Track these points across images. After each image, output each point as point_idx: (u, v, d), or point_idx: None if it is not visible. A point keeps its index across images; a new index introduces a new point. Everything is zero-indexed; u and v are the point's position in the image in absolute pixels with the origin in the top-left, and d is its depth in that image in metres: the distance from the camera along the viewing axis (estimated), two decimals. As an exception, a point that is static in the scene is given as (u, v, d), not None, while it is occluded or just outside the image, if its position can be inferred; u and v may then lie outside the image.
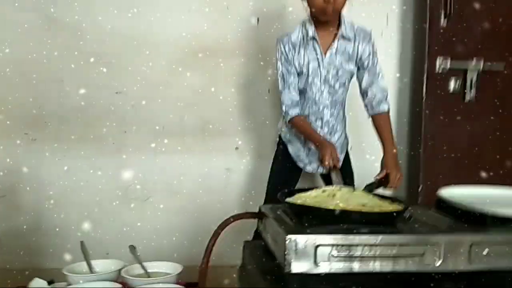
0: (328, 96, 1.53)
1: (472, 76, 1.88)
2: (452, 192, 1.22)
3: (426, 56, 1.86)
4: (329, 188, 1.20)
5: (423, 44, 1.88)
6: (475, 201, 1.13)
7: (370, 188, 1.27)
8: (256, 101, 1.95)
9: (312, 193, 1.18)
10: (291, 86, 1.49)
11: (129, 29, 1.84)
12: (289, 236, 0.93)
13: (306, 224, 0.98)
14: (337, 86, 1.52)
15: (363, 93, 1.54)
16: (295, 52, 1.48)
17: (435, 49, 1.86)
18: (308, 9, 1.47)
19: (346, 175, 1.61)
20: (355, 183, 1.65)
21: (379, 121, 1.51)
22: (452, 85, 1.90)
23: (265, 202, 1.64)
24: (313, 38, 1.47)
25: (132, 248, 1.24)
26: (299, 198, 1.15)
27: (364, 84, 1.53)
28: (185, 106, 1.91)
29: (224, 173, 1.96)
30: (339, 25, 1.48)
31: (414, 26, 2.02)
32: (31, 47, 1.79)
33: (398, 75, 2.05)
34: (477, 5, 1.87)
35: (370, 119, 1.55)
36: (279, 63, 1.50)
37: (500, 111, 1.93)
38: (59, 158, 1.85)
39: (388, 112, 1.52)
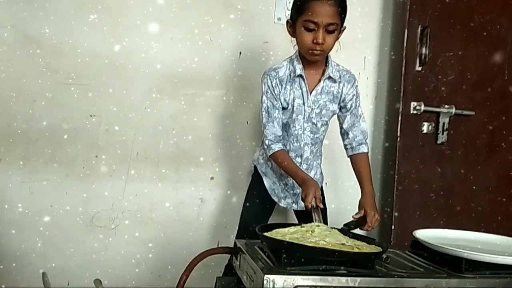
0: (310, 134, 1.54)
1: (444, 120, 1.95)
2: (427, 234, 1.23)
3: (401, 99, 1.91)
4: (306, 225, 1.19)
5: (398, 88, 1.94)
6: (449, 244, 1.15)
7: (348, 227, 1.27)
8: (233, 132, 1.94)
9: (290, 229, 1.17)
10: (275, 121, 1.48)
11: (108, 52, 1.81)
12: (267, 276, 0.91)
13: (284, 263, 0.96)
14: (319, 124, 1.54)
15: (344, 134, 1.57)
16: (281, 87, 1.48)
17: (409, 93, 1.93)
18: (297, 47, 1.49)
19: (322, 213, 1.62)
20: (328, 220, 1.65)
21: (359, 162, 1.53)
22: (426, 127, 1.95)
23: (238, 235, 1.61)
24: (300, 76, 1.48)
25: (98, 282, 1.18)
26: (276, 233, 1.13)
27: (345, 125, 1.55)
28: (161, 133, 1.87)
29: (197, 204, 1.92)
30: (325, 65, 1.51)
31: (389, 70, 2.09)
32: (4, 64, 1.73)
33: (373, 115, 2.10)
34: (450, 54, 1.96)
35: (349, 159, 1.57)
36: (264, 97, 1.49)
37: (471, 154, 1.99)
38: (24, 180, 1.77)
39: (367, 153, 1.55)
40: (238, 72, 1.93)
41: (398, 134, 1.91)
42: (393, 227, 1.89)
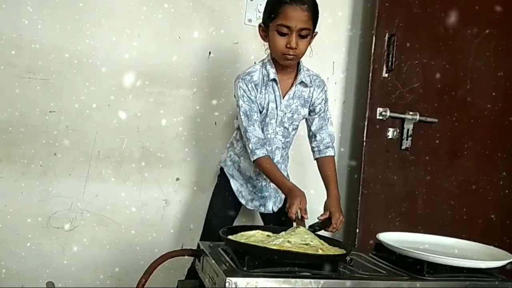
0: (282, 138, 1.54)
1: (408, 127, 1.99)
2: (390, 237, 1.24)
3: (368, 104, 1.94)
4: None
5: (365, 93, 1.97)
6: (412, 247, 1.17)
7: (313, 229, 1.26)
8: (201, 132, 1.91)
9: (255, 232, 1.15)
10: (255, 123, 1.46)
11: (70, 47, 1.74)
12: (229, 279, 0.88)
13: (247, 265, 0.94)
14: (290, 128, 1.54)
15: (311, 136, 1.58)
16: (257, 91, 1.47)
17: (376, 99, 1.95)
18: (269, 51, 1.48)
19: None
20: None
21: (325, 165, 1.54)
22: (391, 133, 1.99)
23: (202, 236, 1.59)
24: (274, 80, 1.48)
25: (51, 284, 1.12)
26: (241, 236, 1.11)
27: (313, 128, 1.56)
28: (125, 132, 1.81)
29: (161, 205, 1.87)
30: (297, 70, 1.51)
31: (357, 76, 2.12)
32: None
33: (340, 120, 2.12)
34: (415, 62, 2.01)
35: (316, 161, 1.58)
36: (241, 101, 1.46)
37: (433, 160, 2.04)
38: (-23, 178, 1.67)
39: (334, 157, 1.56)
40: (207, 72, 1.90)
41: (364, 139, 1.94)
42: (357, 230, 1.91)
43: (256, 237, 1.10)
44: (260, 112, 1.49)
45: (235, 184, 1.60)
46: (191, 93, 1.89)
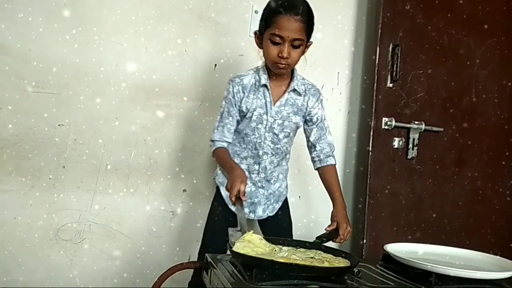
0: (271, 144, 1.53)
1: (414, 136, 1.99)
2: (398, 249, 1.24)
3: (373, 114, 1.95)
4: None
5: (370, 103, 1.98)
6: (419, 258, 1.16)
7: (320, 240, 1.26)
8: (207, 144, 1.91)
9: (258, 241, 1.15)
10: (225, 127, 1.50)
11: (79, 62, 1.77)
12: (238, 291, 0.88)
13: (255, 278, 0.95)
14: (281, 135, 1.53)
15: (311, 147, 1.57)
16: (244, 95, 1.49)
17: (381, 109, 1.96)
18: (263, 58, 1.50)
19: (284, 226, 1.62)
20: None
21: (328, 174, 1.53)
22: (396, 142, 1.99)
23: (201, 248, 1.58)
24: (265, 86, 1.49)
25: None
26: (248, 248, 1.11)
27: (312, 138, 1.56)
28: (132, 144, 1.83)
29: (168, 217, 1.88)
30: (291, 78, 1.52)
31: (362, 86, 2.13)
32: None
33: (346, 130, 2.13)
34: (419, 72, 2.01)
35: (317, 172, 1.57)
36: (223, 102, 1.52)
37: (440, 170, 2.04)
38: (-14, 191, 1.69)
39: (335, 165, 1.55)
40: (212, 84, 1.92)
41: (370, 149, 1.94)
42: (364, 240, 1.90)
43: (259, 246, 1.11)
44: (245, 116, 1.50)
45: (224, 192, 1.56)
46: (197, 105, 1.91)
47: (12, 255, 1.71)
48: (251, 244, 1.09)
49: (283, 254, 1.03)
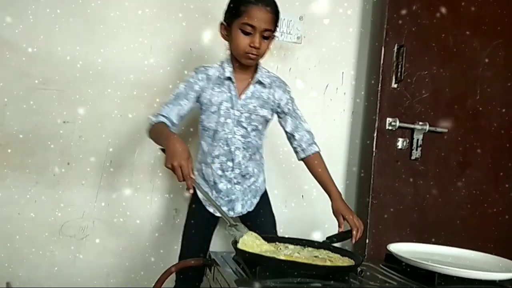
0: (241, 138, 1.50)
1: (418, 137, 1.99)
2: (401, 248, 1.24)
3: (377, 115, 1.95)
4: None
5: (374, 103, 1.98)
6: (422, 258, 1.16)
7: (331, 240, 1.26)
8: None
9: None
10: (176, 107, 1.43)
11: (84, 58, 1.78)
12: (241, 288, 0.89)
13: (259, 276, 0.95)
14: (249, 129, 1.51)
15: (290, 137, 1.56)
16: (207, 85, 1.47)
17: (385, 109, 1.96)
18: (229, 50, 1.49)
19: (266, 222, 1.59)
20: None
21: (314, 162, 1.51)
22: (400, 143, 1.99)
23: (181, 251, 1.56)
24: (229, 79, 1.48)
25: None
26: (252, 242, 1.11)
27: (289, 128, 1.54)
28: (137, 141, 1.84)
29: (172, 214, 1.88)
30: (255, 70, 1.51)
31: (366, 87, 2.13)
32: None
33: (350, 130, 2.13)
34: (424, 72, 2.01)
35: (303, 163, 1.55)
36: (182, 84, 1.48)
37: (443, 170, 2.03)
38: (-9, 187, 1.70)
39: (320, 152, 1.54)
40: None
41: (374, 149, 1.94)
42: (367, 240, 1.90)
43: (261, 244, 1.11)
44: (211, 111, 1.48)
45: (199, 193, 1.53)
46: (201, 103, 1.91)
47: (16, 251, 1.72)
48: (257, 241, 1.09)
49: (287, 252, 1.03)
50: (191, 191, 1.25)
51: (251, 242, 1.08)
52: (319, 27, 2.05)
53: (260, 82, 1.50)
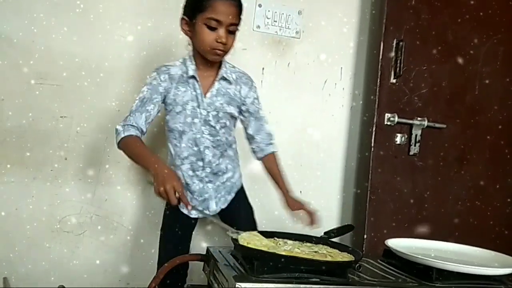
0: (210, 137, 1.46)
1: (416, 132, 1.99)
2: (399, 244, 1.24)
3: (376, 110, 1.94)
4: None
5: (373, 99, 1.97)
6: (420, 253, 1.16)
7: (328, 235, 1.26)
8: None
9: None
10: (144, 114, 1.38)
11: (81, 53, 1.77)
12: (239, 284, 0.89)
13: (257, 271, 0.95)
14: (218, 127, 1.46)
15: (250, 138, 1.55)
16: (171, 86, 1.42)
17: (384, 105, 1.96)
18: (191, 46, 1.44)
19: (243, 216, 1.57)
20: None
21: (273, 160, 1.54)
22: (399, 138, 1.98)
23: (159, 256, 1.52)
24: (193, 77, 1.42)
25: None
26: (252, 238, 1.11)
27: (251, 130, 1.53)
28: (135, 137, 1.83)
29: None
30: (219, 66, 1.47)
31: (365, 82, 2.12)
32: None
33: (348, 125, 2.12)
34: (423, 68, 2.01)
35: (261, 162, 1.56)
36: (145, 87, 1.41)
37: (441, 166, 2.04)
38: (-12, 182, 1.69)
39: (276, 152, 1.56)
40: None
41: (372, 145, 1.94)
42: (365, 235, 1.90)
43: (261, 240, 1.11)
44: (176, 111, 1.42)
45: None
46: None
47: (14, 246, 1.72)
48: (256, 237, 1.09)
49: (287, 247, 1.03)
50: (190, 207, 1.28)
51: (250, 238, 1.07)
52: (318, 22, 2.04)
53: (225, 79, 1.45)
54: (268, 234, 1.18)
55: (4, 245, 1.71)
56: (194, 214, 1.52)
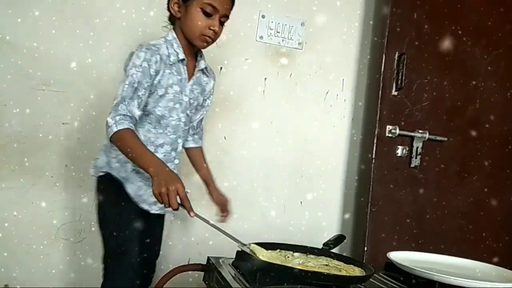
0: (184, 126, 1.42)
1: (417, 145, 1.99)
2: (401, 257, 1.24)
3: (377, 122, 1.95)
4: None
5: (374, 111, 1.98)
6: (423, 267, 1.16)
7: (328, 246, 1.25)
8: (210, 145, 1.91)
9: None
10: (137, 100, 1.25)
11: (86, 60, 1.77)
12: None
13: (259, 282, 0.94)
14: (190, 116, 1.47)
15: (192, 128, 1.55)
16: (160, 68, 1.31)
17: (385, 117, 1.96)
18: (176, 29, 1.39)
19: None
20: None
21: (200, 153, 1.60)
22: (400, 151, 1.98)
23: (120, 256, 1.34)
24: (183, 61, 1.37)
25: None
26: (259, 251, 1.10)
27: (197, 120, 1.56)
28: (136, 145, 1.83)
29: (168, 219, 1.86)
30: (195, 57, 1.44)
31: (367, 94, 2.13)
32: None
33: (349, 137, 2.12)
34: (425, 81, 2.02)
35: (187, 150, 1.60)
36: (134, 70, 1.26)
37: (442, 179, 2.03)
38: (-12, 187, 1.69)
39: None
40: (218, 87, 1.90)
41: (373, 157, 1.93)
42: (365, 248, 1.89)
43: (271, 253, 1.10)
44: (158, 94, 1.32)
45: (131, 188, 1.34)
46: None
47: (12, 253, 1.70)
48: (263, 250, 1.08)
49: (299, 261, 1.02)
50: (192, 214, 1.20)
51: (258, 251, 1.06)
52: (321, 33, 2.05)
53: (204, 70, 1.46)
54: (269, 246, 1.17)
55: (3, 252, 1.69)
56: (155, 210, 1.39)
